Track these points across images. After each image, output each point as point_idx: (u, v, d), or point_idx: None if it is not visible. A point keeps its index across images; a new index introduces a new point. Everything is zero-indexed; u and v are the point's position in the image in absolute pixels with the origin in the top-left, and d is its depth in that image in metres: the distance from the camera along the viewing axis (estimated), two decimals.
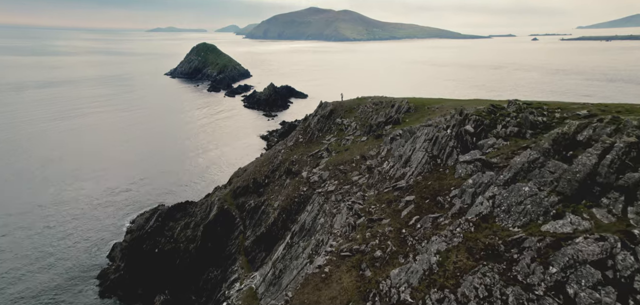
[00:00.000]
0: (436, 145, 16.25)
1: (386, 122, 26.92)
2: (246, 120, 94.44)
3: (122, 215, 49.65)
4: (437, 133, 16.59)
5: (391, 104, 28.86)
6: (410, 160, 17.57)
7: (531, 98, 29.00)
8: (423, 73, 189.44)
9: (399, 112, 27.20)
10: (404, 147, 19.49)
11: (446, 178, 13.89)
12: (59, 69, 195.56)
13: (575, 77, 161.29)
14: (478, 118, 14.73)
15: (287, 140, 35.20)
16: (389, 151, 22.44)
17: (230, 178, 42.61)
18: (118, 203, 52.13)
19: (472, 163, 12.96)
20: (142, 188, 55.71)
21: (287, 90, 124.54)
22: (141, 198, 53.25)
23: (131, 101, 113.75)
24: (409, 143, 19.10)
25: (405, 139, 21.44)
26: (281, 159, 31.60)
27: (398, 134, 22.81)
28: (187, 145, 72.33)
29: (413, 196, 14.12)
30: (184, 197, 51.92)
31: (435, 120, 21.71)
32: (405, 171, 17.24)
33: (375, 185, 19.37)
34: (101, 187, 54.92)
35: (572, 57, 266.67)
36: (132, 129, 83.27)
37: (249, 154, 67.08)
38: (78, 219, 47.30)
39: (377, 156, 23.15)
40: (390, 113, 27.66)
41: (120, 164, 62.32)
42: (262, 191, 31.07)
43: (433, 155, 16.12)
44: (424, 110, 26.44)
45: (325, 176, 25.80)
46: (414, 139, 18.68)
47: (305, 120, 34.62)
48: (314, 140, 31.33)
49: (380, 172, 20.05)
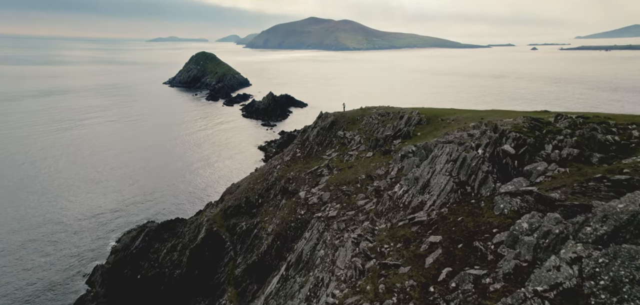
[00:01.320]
0: (464, 168, 13.12)
1: (394, 136, 23.82)
2: (244, 130, 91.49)
3: (108, 232, 46.26)
4: (464, 153, 13.46)
5: (399, 115, 25.81)
6: (430, 185, 14.40)
7: (547, 109, 26.05)
8: (425, 82, 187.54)
9: (409, 124, 24.12)
10: (420, 168, 16.34)
11: (482, 214, 10.74)
12: (57, 78, 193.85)
13: (579, 86, 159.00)
14: (519, 136, 11.64)
15: (283, 154, 32.04)
16: (400, 171, 19.25)
17: (222, 194, 39.35)
18: (105, 219, 48.75)
19: (520, 196, 9.84)
20: (131, 203, 52.39)
21: (286, 99, 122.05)
22: (130, 214, 49.89)
23: (126, 111, 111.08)
24: (426, 163, 15.96)
25: (420, 157, 18.27)
26: (277, 175, 28.39)
27: (410, 150, 19.65)
28: (182, 157, 69.18)
29: (439, 236, 10.93)
30: (174, 213, 48.64)
31: (454, 135, 18.55)
32: (424, 199, 14.05)
33: (385, 213, 16.12)
34: (88, 201, 51.65)
35: (573, 66, 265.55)
36: (124, 140, 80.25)
37: (246, 167, 63.90)
38: (59, 237, 43.86)
39: (386, 176, 19.95)
40: (398, 125, 24.58)
41: (110, 177, 59.08)
42: (255, 212, 27.77)
43: (460, 180, 12.98)
44: (437, 122, 23.38)
45: (325, 198, 22.56)
46: (432, 159, 15.55)
47: (303, 132, 31.57)
48: (313, 155, 28.20)
49: (392, 197, 16.82)
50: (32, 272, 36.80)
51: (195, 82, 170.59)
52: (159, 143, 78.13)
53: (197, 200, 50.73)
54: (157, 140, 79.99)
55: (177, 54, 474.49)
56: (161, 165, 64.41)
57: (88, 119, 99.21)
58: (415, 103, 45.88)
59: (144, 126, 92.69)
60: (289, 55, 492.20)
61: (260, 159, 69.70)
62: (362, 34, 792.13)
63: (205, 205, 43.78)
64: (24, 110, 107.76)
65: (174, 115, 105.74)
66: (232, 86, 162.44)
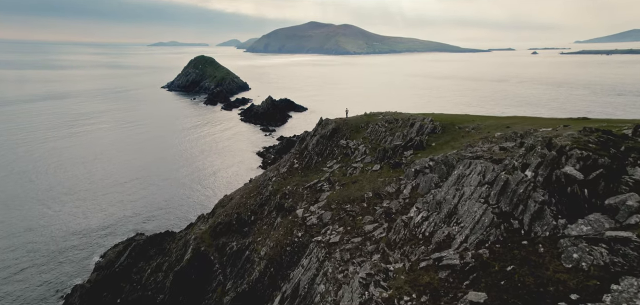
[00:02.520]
0: (506, 195, 10.11)
1: (405, 146, 20.80)
2: (242, 136, 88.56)
3: (93, 246, 43.16)
4: (504, 174, 10.45)
5: (409, 122, 22.81)
6: (458, 213, 11.40)
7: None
8: (429, 86, 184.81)
9: (422, 133, 21.12)
10: (441, 189, 13.29)
11: (545, 264, 7.71)
12: (54, 83, 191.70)
13: (584, 90, 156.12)
14: (586, 155, 8.66)
15: (279, 164, 28.97)
16: (415, 190, 16.20)
17: (214, 207, 36.29)
18: (92, 230, 45.68)
19: (606, 244, 6.84)
20: (121, 213, 49.30)
21: (285, 103, 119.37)
22: (119, 225, 46.80)
23: (121, 117, 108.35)
24: (450, 184, 12.95)
25: (440, 174, 15.22)
26: (272, 189, 25.33)
27: (426, 165, 16.60)
28: (175, 164, 66.15)
29: (483, 294, 7.89)
30: (165, 225, 45.51)
31: (479, 147, 15.51)
32: (451, 232, 11.01)
33: (400, 245, 13.06)
34: (76, 211, 48.60)
35: (575, 70, 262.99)
36: (117, 147, 77.31)
37: (242, 174, 60.84)
38: (40, 250, 40.73)
39: (397, 195, 16.87)
40: (409, 134, 21.58)
41: (100, 186, 56.05)
42: (247, 231, 24.68)
43: (501, 210, 9.97)
44: (454, 131, 20.40)
45: (326, 218, 19.48)
46: (458, 178, 12.55)
47: (301, 141, 28.52)
48: (312, 166, 25.17)
49: (407, 224, 13.75)
50: (4, 287, 33.66)
51: (194, 86, 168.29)
52: (153, 150, 75.19)
53: (189, 212, 47.60)
54: (151, 147, 77.04)
55: (178, 58, 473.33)
56: (153, 173, 61.38)
57: (81, 125, 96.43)
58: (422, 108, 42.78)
59: (138, 132, 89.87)
60: (289, 60, 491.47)
61: (257, 165, 66.69)
62: (363, 39, 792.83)
63: (197, 217, 40.71)
64: (15, 115, 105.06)
65: (170, 121, 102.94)
66: (231, 90, 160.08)
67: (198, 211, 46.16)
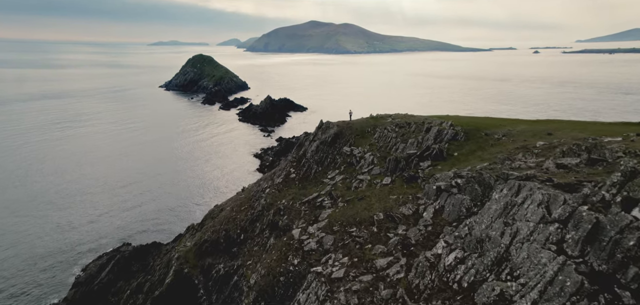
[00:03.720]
0: (601, 245, 6.75)
1: (421, 156, 17.46)
2: (239, 137, 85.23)
3: (76, 256, 39.95)
4: (591, 212, 7.14)
5: (425, 127, 19.47)
6: (513, 259, 8.09)
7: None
8: (434, 86, 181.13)
9: (440, 139, 17.78)
10: (481, 220, 9.97)
11: None
12: (51, 82, 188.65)
13: (591, 89, 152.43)
14: None
15: (274, 173, 25.61)
16: (439, 214, 12.87)
17: (203, 218, 33.02)
18: (76, 239, 42.48)
19: None
20: (108, 220, 46.06)
21: (285, 102, 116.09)
22: (105, 233, 43.60)
23: (116, 117, 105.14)
24: (493, 213, 9.63)
25: (472, 196, 11.89)
26: (265, 203, 22.00)
27: (452, 183, 13.27)
28: (168, 167, 62.85)
29: None
30: (153, 234, 42.24)
31: (521, 161, 12.15)
32: (506, 291, 7.68)
33: (427, 297, 9.71)
34: (59, 218, 45.40)
35: (580, 69, 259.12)
36: (109, 148, 74.06)
37: (238, 179, 57.54)
38: (18, 260, 37.49)
39: (416, 220, 13.55)
40: (426, 141, 18.24)
41: (87, 191, 52.81)
42: (236, 252, 21.37)
43: (593, 269, 6.65)
44: (480, 138, 17.09)
45: (327, 243, 16.15)
46: (506, 209, 9.23)
47: (299, 146, 25.16)
48: (311, 177, 21.85)
49: (433, 264, 10.43)
50: None
51: (192, 85, 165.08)
52: (146, 152, 71.89)
53: (178, 221, 44.26)
54: (144, 149, 73.74)
55: (177, 57, 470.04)
56: (144, 177, 58.06)
57: (75, 125, 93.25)
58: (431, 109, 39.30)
59: (132, 133, 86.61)
60: (289, 59, 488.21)
61: (255, 168, 63.42)
62: (363, 38, 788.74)
63: (186, 228, 37.44)
64: (7, 116, 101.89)
65: (165, 121, 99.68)
66: (230, 89, 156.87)
67: (188, 220, 42.87)
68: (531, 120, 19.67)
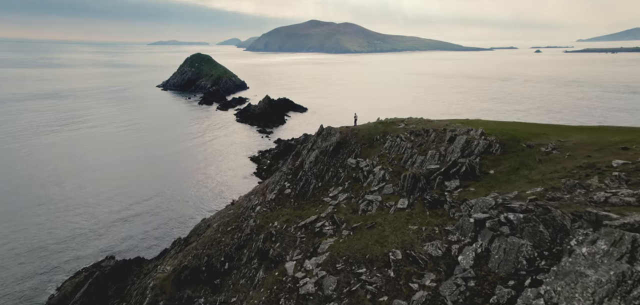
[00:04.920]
0: None
1: (446, 173, 13.88)
2: (236, 138, 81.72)
3: (53, 271, 36.53)
4: None
5: (447, 135, 15.85)
6: None
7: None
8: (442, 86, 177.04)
9: (470, 152, 14.20)
10: (565, 290, 6.48)
11: None
12: (46, 82, 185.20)
13: (597, 89, 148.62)
14: None
15: (266, 187, 21.94)
16: (483, 261, 9.35)
17: (189, 234, 29.48)
18: (55, 252, 39.00)
19: None
20: (91, 231, 42.57)
21: (284, 103, 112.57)
22: (87, 244, 40.17)
23: (108, 117, 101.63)
24: (590, 283, 6.16)
25: (536, 241, 8.37)
26: (254, 224, 18.43)
27: (500, 218, 9.72)
28: (159, 172, 59.30)
29: None
30: (138, 247, 38.70)
31: (608, 193, 8.54)
32: None
33: None
34: (40, 227, 41.91)
35: (584, 68, 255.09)
36: (96, 151, 70.54)
37: (234, 185, 53.99)
38: None
39: (450, 267, 10.03)
40: (450, 153, 14.65)
41: (71, 197, 49.34)
42: (219, 284, 17.82)
43: None
44: (521, 151, 13.52)
45: (329, 287, 12.56)
46: (620, 280, 5.82)
47: (296, 156, 21.42)
48: (308, 194, 18.28)
49: None
50: None
51: (190, 85, 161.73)
52: (136, 155, 68.30)
53: (166, 232, 40.70)
54: (134, 153, 70.15)
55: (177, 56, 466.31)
56: (132, 183, 54.50)
57: (65, 125, 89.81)
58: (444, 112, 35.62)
59: (123, 134, 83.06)
60: (289, 58, 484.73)
61: (251, 172, 59.89)
62: (364, 37, 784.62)
63: (173, 242, 33.92)
64: None
65: (160, 122, 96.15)
66: (228, 89, 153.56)
67: (175, 233, 39.31)
68: (583, 126, 15.97)
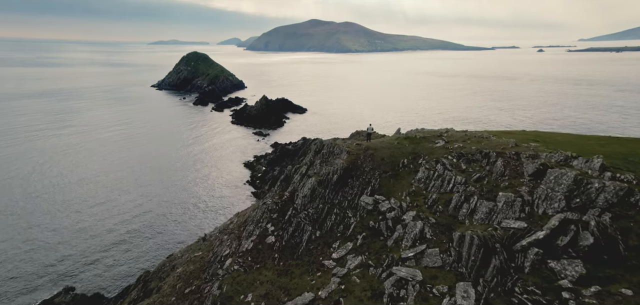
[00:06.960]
0: None
1: (548, 244, 7.55)
2: (231, 142, 75.27)
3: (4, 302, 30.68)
4: None
5: (528, 166, 9.37)
6: None
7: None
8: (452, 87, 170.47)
9: (586, 199, 7.77)
10: None
11: None
12: (40, 81, 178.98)
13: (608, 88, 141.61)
14: None
15: (242, 234, 14.96)
16: None
17: (159, 266, 23.10)
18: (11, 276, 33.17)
19: None
20: (53, 252, 36.48)
21: (282, 103, 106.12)
22: (47, 269, 34.31)
23: (96, 119, 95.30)
24: None
25: None
26: (217, 293, 12.02)
27: None
28: (140, 183, 52.89)
29: None
30: (99, 280, 32.37)
31: None
32: None
33: None
34: None
35: (589, 67, 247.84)
36: (78, 157, 64.15)
37: (223, 199, 47.61)
38: None
39: None
40: (544, 202, 8.24)
41: (41, 211, 43.13)
42: None
43: None
44: None
45: None
46: None
47: (286, 181, 14.53)
48: (301, 248, 11.76)
49: None
50: None
51: (186, 84, 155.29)
52: (118, 163, 61.86)
53: (136, 259, 34.29)
54: (117, 159, 63.73)
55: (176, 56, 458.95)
56: (109, 196, 48.07)
57: (50, 127, 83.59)
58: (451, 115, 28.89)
59: (108, 138, 76.68)
60: (289, 58, 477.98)
61: (244, 182, 53.56)
62: (364, 36, 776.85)
63: (138, 278, 27.61)
64: None
65: (149, 124, 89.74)
66: (225, 89, 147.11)
67: (145, 263, 32.95)
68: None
